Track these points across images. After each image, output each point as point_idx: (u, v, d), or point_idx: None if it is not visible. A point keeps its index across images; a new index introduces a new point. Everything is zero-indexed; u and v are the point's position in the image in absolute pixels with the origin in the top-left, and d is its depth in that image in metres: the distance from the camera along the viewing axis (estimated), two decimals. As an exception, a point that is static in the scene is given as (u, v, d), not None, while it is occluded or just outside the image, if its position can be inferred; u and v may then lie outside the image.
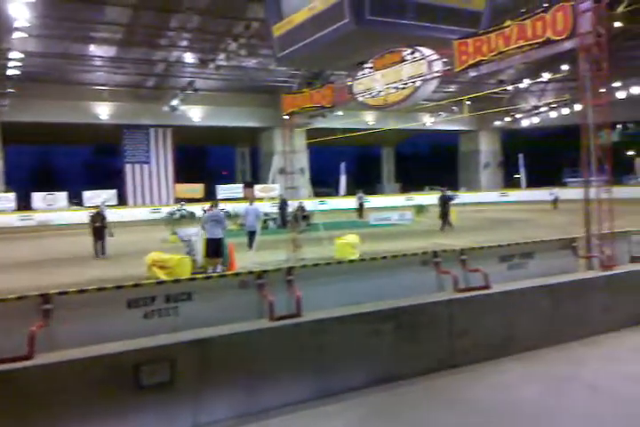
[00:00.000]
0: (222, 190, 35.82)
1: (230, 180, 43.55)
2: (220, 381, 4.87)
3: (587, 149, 8.43)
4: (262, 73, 33.22)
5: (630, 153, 47.58)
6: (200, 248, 12.42)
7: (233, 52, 28.39)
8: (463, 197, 36.72)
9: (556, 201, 29.85)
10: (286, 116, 14.44)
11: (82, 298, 5.30)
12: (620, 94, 34.04)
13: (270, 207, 24.60)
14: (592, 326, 7.06)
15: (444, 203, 20.90)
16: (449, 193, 22.27)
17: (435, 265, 7.03)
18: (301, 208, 20.79)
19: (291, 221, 16.97)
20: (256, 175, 43.11)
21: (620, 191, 32.07)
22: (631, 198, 30.62)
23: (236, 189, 36.66)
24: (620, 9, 28.17)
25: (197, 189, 36.29)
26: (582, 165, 8.61)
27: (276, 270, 6.24)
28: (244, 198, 31.92)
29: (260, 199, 28.06)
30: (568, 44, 8.83)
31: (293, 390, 5.20)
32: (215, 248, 12.13)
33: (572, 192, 23.54)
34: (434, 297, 6.35)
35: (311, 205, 24.73)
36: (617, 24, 29.56)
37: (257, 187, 35.64)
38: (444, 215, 20.65)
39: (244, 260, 13.31)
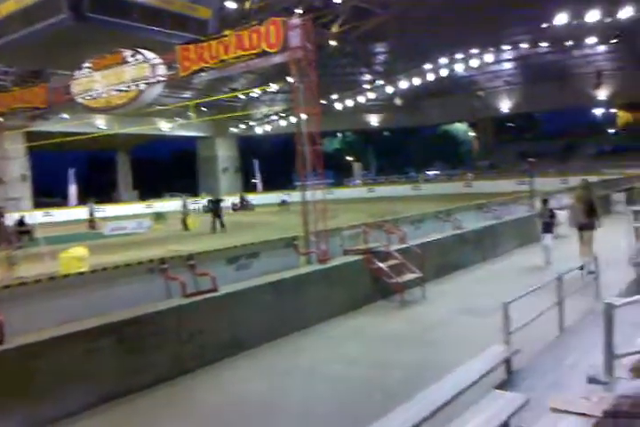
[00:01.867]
0: None
1: None
2: None
3: (302, 155, 9.22)
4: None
5: (349, 158, 53.81)
6: None
7: None
8: (203, 202, 37.01)
9: (284, 203, 31.76)
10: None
11: None
12: (339, 106, 38.26)
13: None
14: (313, 316, 7.77)
15: (215, 206, 21.62)
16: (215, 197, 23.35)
17: (161, 272, 6.89)
18: (20, 222, 18.48)
19: (9, 236, 14.95)
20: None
21: (342, 192, 36.13)
22: (351, 198, 34.67)
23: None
24: (335, 29, 31.70)
25: None
26: (298, 170, 9.39)
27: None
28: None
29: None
30: (280, 57, 9.55)
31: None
32: None
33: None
34: (160, 305, 6.24)
35: (34, 217, 22.12)
36: (332, 42, 33.29)
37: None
38: (218, 217, 21.24)
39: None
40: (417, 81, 34.32)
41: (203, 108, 36.25)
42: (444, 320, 7.51)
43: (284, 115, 41.31)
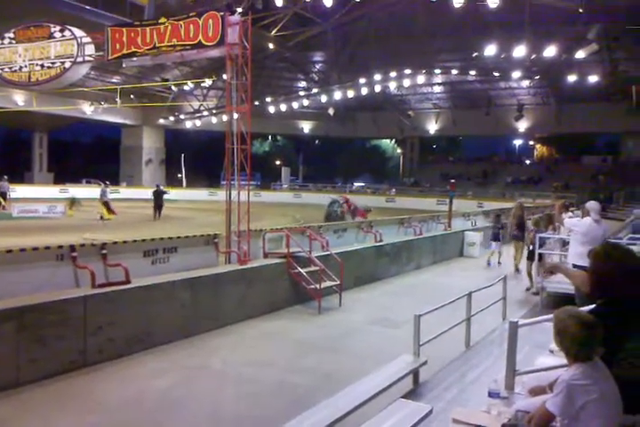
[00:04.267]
0: None
1: None
2: None
3: (230, 154, 9.09)
4: None
5: (278, 162, 53.82)
6: None
7: None
8: (124, 192, 35.67)
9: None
10: None
11: None
12: (272, 109, 38.15)
13: None
14: (229, 317, 7.65)
15: (159, 195, 22.92)
16: (162, 187, 24.79)
17: (72, 260, 6.54)
18: None
19: None
20: None
21: (267, 196, 35.98)
22: (277, 202, 34.62)
23: None
24: (274, 32, 31.67)
25: None
26: (225, 169, 9.25)
27: None
28: None
29: None
30: (217, 51, 9.42)
31: None
32: None
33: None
34: (66, 294, 5.91)
35: None
36: (271, 46, 33.23)
37: None
38: (159, 207, 22.68)
39: None
40: (351, 93, 34.90)
41: (131, 96, 35.05)
42: (357, 329, 7.61)
43: (215, 111, 40.65)
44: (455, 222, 15.66)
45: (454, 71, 35.27)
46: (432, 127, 46.45)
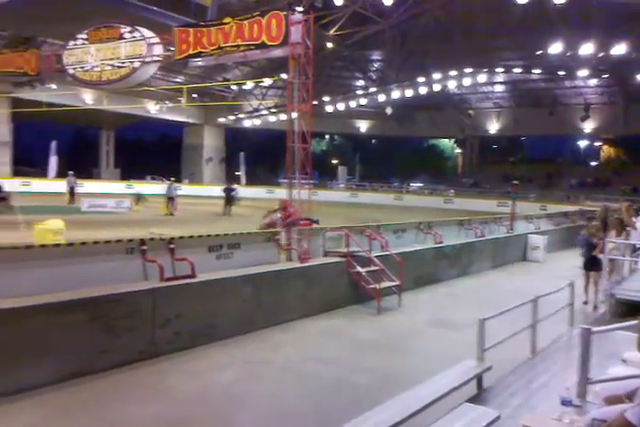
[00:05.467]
0: None
1: None
2: None
3: (291, 152, 9.18)
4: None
5: (335, 161, 53.88)
6: None
7: None
8: (186, 189, 36.59)
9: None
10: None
11: None
12: (330, 108, 38.27)
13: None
14: (289, 313, 7.74)
15: (229, 192, 23.94)
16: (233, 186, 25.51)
17: (141, 253, 6.78)
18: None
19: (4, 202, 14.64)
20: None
21: (324, 194, 35.83)
22: (333, 201, 34.63)
23: None
24: (332, 31, 31.74)
25: None
26: (287, 167, 9.34)
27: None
28: None
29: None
30: (280, 51, 9.50)
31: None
32: None
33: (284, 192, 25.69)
34: (136, 286, 6.13)
35: (11, 185, 21.68)
36: (329, 45, 33.32)
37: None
38: (229, 204, 23.55)
39: None
40: (409, 92, 34.54)
41: (193, 95, 35.94)
42: (417, 330, 7.54)
43: (274, 110, 41.14)
44: (518, 225, 15.25)
45: (517, 70, 34.34)
46: (493, 127, 45.38)
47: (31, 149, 39.01)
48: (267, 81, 35.38)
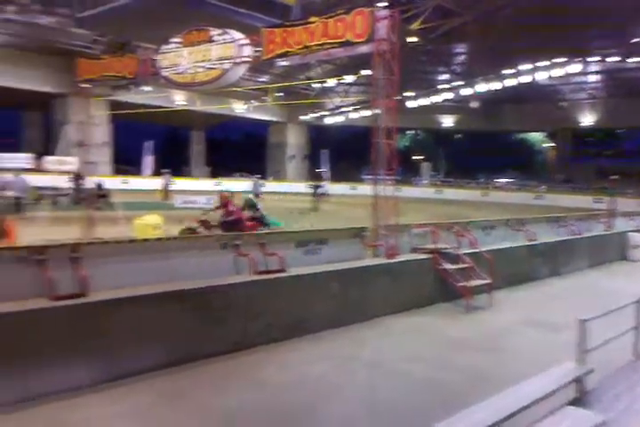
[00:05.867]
0: (5, 159, 31.33)
1: (15, 148, 38.32)
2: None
3: (377, 149, 9.13)
4: (59, 34, 29.89)
5: (418, 157, 53.05)
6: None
7: (25, 6, 25.22)
8: (271, 186, 37.32)
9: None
10: (85, 84, 13.20)
11: None
12: (413, 104, 37.73)
13: (65, 182, 22.37)
14: (375, 310, 7.73)
15: (316, 189, 25.42)
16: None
17: (234, 248, 7.01)
18: (99, 185, 19.31)
19: (88, 198, 15.67)
20: (48, 146, 38.66)
21: (407, 191, 35.22)
22: (417, 198, 34.14)
23: (23, 158, 32.28)
24: (416, 25, 31.22)
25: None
26: (372, 164, 9.30)
27: (59, 246, 5.65)
28: (35, 170, 28.80)
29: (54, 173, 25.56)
30: (365, 48, 9.44)
31: (75, 374, 4.86)
32: None
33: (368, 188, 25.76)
34: (231, 279, 6.37)
35: (112, 183, 23.13)
36: (413, 39, 32.81)
37: (50, 159, 32.16)
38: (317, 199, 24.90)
39: (32, 235, 11.87)
40: (496, 85, 33.31)
41: (279, 94, 36.62)
42: (509, 330, 7.31)
43: (357, 107, 41.14)
44: (617, 223, 14.37)
45: (612, 58, 32.24)
46: (586, 119, 42.91)
47: (128, 149, 41.29)
48: (349, 78, 35.44)
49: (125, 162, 40.41)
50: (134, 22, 25.29)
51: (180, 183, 32.48)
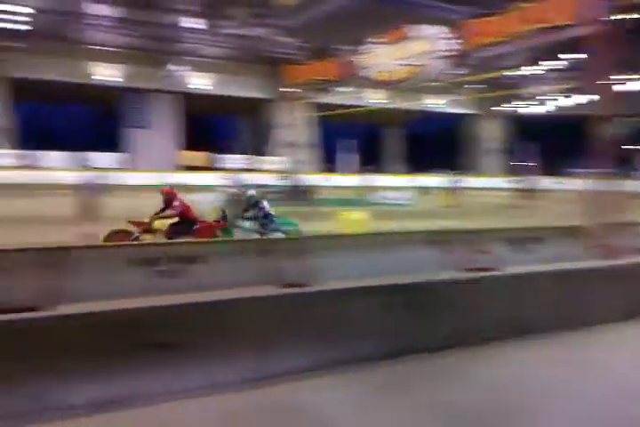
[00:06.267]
0: (228, 160, 35.77)
1: (232, 150, 43.01)
2: (230, 344, 4.90)
3: (596, 141, 8.36)
4: (269, 43, 32.63)
5: (630, 147, 47.13)
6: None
7: (243, 20, 27.94)
8: (469, 181, 36.23)
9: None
10: (291, 89, 14.27)
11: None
12: (627, 87, 33.58)
13: (277, 181, 24.39)
14: (596, 315, 7.10)
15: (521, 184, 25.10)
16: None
17: (444, 244, 7.01)
18: (303, 182, 20.73)
19: (298, 194, 16.85)
20: (258, 147, 42.63)
21: (627, 185, 31.54)
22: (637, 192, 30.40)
23: (241, 159, 36.61)
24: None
25: (202, 157, 36.24)
26: (591, 157, 8.56)
27: (291, 239, 6.22)
28: (250, 170, 32.05)
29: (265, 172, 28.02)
30: (573, 31, 8.70)
31: (302, 358, 5.24)
32: None
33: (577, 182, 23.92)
34: (444, 275, 6.37)
35: (317, 180, 24.62)
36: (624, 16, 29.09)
37: (262, 159, 35.70)
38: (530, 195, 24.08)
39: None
40: None
41: (473, 86, 35.42)
42: None
43: (560, 95, 37.97)
44: None
45: None
46: None
47: (329, 147, 43.63)
48: (549, 64, 32.85)
49: (328, 160, 42.73)
50: (334, 27, 26.53)
51: (377, 180, 33.27)
